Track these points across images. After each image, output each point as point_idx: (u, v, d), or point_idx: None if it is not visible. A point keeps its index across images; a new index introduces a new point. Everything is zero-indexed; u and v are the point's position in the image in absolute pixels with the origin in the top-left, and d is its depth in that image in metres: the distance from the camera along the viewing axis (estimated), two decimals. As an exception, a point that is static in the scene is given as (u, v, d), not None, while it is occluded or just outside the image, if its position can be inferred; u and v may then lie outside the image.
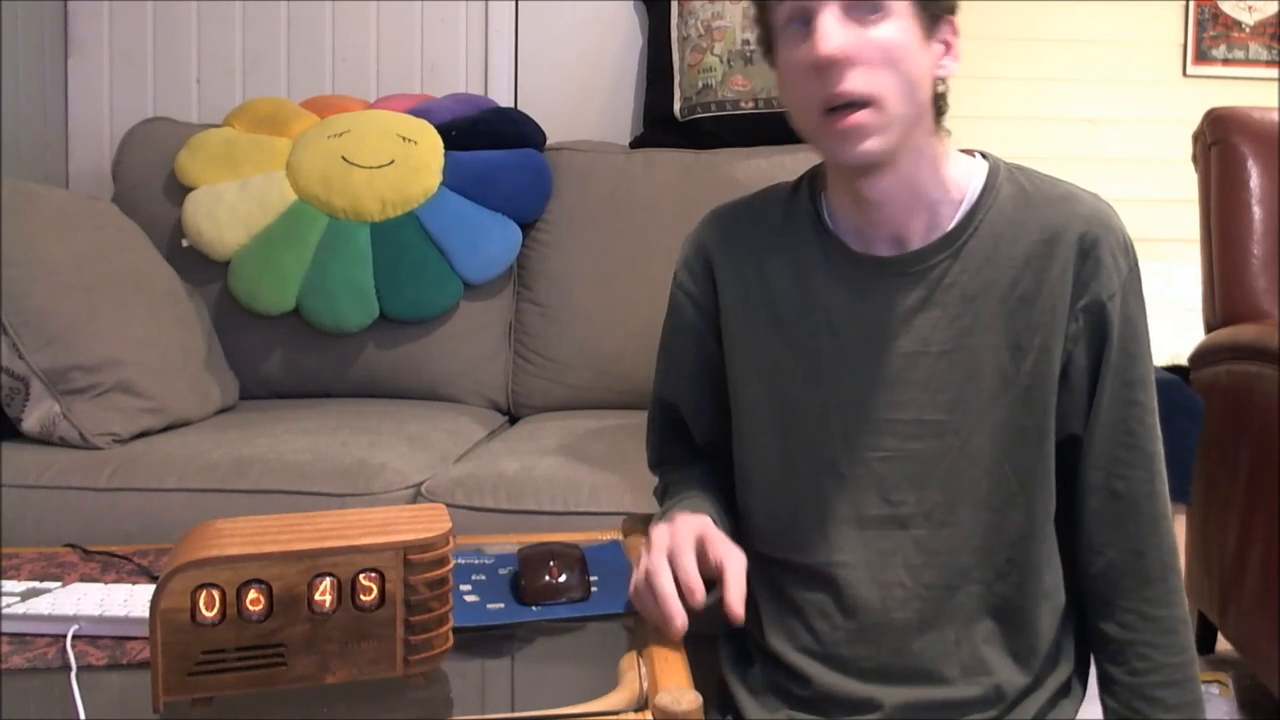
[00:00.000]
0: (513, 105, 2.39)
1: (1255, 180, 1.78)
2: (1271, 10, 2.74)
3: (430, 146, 2.02)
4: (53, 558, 1.13)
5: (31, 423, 1.55)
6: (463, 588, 0.99)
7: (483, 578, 1.03)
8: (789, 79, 0.89)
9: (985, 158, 0.96)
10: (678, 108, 2.23)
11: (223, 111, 2.19)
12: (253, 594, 0.73)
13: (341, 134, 2.01)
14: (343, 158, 1.97)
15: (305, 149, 2.01)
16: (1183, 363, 1.88)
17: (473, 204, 1.99)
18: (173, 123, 2.17)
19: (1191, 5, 2.72)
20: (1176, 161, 2.08)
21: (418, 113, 2.10)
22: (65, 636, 0.87)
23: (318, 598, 0.74)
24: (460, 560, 1.04)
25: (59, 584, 1.00)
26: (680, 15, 2.25)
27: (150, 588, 0.92)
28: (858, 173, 0.90)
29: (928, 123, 0.91)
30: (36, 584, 0.99)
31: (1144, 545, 0.93)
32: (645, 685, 0.79)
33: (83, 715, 0.75)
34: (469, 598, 0.97)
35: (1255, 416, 1.54)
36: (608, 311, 1.98)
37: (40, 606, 0.92)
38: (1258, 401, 1.53)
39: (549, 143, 2.15)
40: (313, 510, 0.86)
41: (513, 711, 0.81)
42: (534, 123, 2.14)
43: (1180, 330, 2.11)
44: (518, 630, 0.94)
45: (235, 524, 0.78)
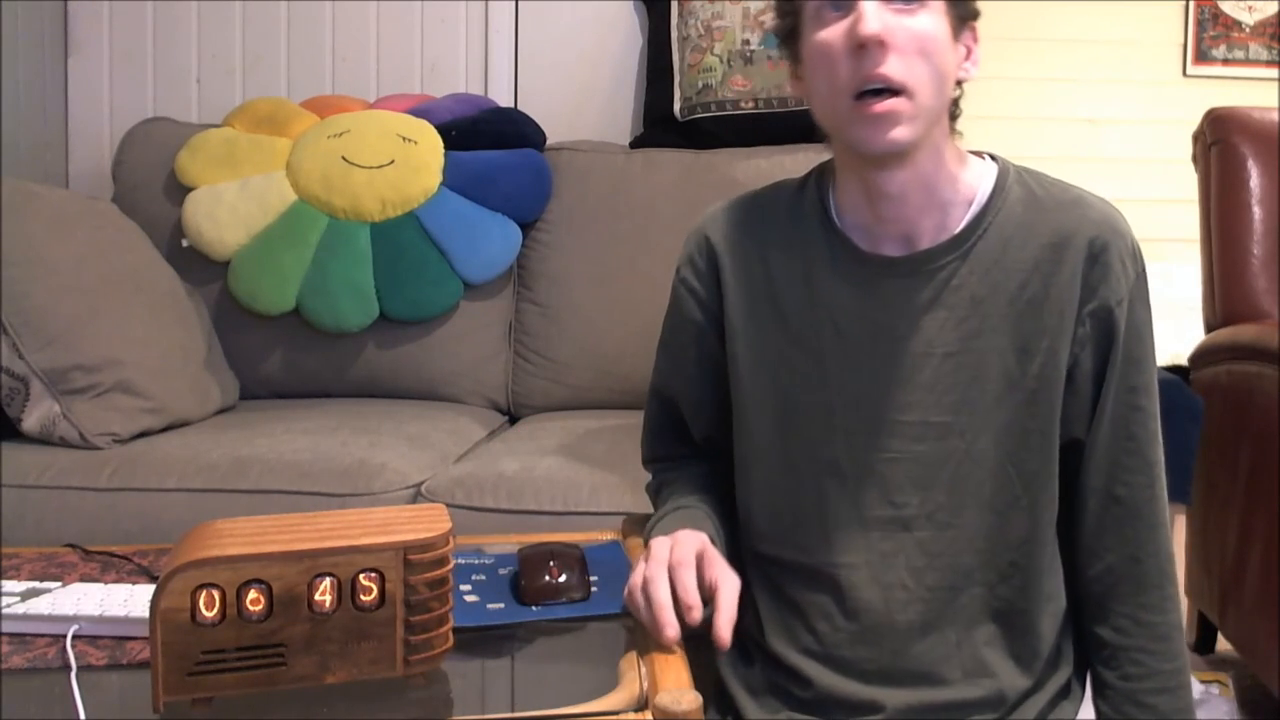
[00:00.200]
0: (513, 105, 2.39)
1: (1255, 180, 1.78)
2: (1271, 10, 2.73)
3: (430, 146, 2.02)
4: (53, 558, 1.13)
5: (31, 423, 1.55)
6: (463, 588, 0.99)
7: (483, 578, 1.03)
8: (819, 61, 0.87)
9: (994, 160, 0.96)
10: (678, 108, 2.23)
11: (223, 111, 2.19)
12: (253, 594, 0.73)
13: (341, 134, 2.01)
14: (343, 158, 1.97)
15: (305, 149, 2.01)
16: (1183, 363, 1.88)
17: (473, 204, 1.99)
18: (173, 123, 2.17)
19: (1191, 5, 2.72)
20: (1176, 161, 2.08)
21: (418, 113, 2.10)
22: (65, 636, 0.87)
23: (318, 598, 0.74)
24: (460, 560, 1.04)
25: (59, 584, 1.00)
26: (680, 15, 2.25)
27: (150, 588, 0.92)
28: (876, 165, 0.89)
29: (945, 122, 0.91)
30: (36, 584, 0.99)
31: (1142, 551, 0.93)
32: (645, 685, 0.79)
33: (83, 715, 0.75)
34: (469, 598, 0.97)
35: (1255, 416, 1.54)
36: (608, 311, 1.98)
37: (40, 606, 0.92)
38: (1258, 401, 1.53)
39: (549, 143, 2.15)
40: (313, 510, 0.86)
41: (513, 711, 0.81)
42: (534, 123, 2.14)
43: (1180, 330, 2.11)
44: (518, 630, 0.93)
45: (235, 524, 0.78)
